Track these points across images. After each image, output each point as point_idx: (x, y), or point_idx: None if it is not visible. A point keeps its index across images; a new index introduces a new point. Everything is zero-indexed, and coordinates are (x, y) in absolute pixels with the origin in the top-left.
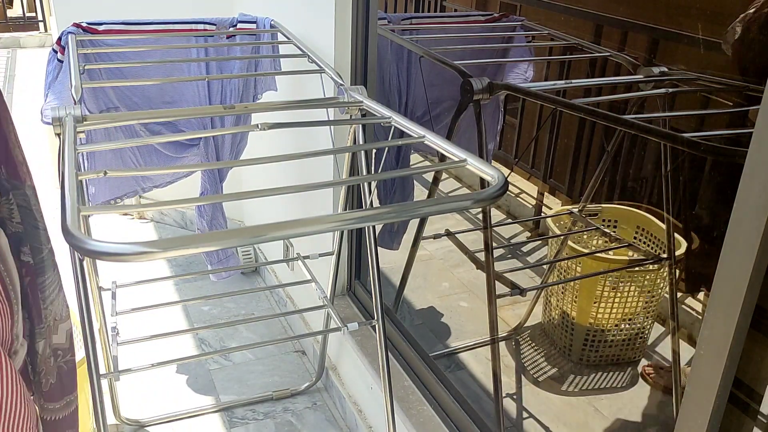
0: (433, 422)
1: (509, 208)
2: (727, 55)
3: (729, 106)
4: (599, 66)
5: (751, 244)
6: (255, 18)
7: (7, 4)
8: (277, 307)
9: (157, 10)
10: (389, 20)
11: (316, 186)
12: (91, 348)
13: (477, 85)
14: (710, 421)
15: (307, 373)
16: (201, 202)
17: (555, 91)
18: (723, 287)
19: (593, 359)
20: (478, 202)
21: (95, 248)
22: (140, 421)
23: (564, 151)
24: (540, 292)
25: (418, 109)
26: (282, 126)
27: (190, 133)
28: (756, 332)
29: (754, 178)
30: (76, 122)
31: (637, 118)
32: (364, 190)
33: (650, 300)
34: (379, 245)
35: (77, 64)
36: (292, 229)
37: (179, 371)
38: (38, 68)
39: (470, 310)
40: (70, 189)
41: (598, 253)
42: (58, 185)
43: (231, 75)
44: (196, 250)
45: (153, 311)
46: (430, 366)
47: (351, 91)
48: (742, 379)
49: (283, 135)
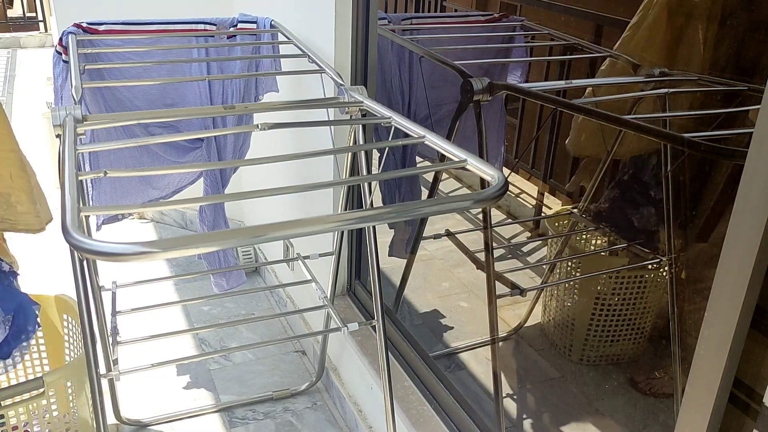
0: (433, 422)
1: (509, 208)
2: (727, 56)
3: (729, 106)
4: (599, 66)
5: (751, 244)
6: (255, 18)
7: (7, 4)
8: (277, 307)
9: (157, 11)
10: (389, 20)
11: (316, 186)
12: (91, 348)
13: (477, 86)
14: (710, 421)
15: (307, 373)
16: (201, 202)
17: (555, 91)
18: (723, 287)
19: (593, 359)
20: (478, 202)
21: (95, 248)
22: (140, 421)
23: (564, 151)
24: (540, 292)
25: (421, 110)
26: (282, 126)
27: (191, 132)
28: (756, 332)
29: (754, 178)
30: (76, 122)
31: (637, 118)
32: (364, 190)
33: (650, 299)
34: (390, 255)
35: (77, 65)
36: (292, 229)
37: (179, 371)
38: (38, 68)
39: (470, 310)
40: (70, 189)
41: (597, 253)
42: (58, 185)
43: (232, 75)
44: (196, 251)
45: (153, 311)
46: (430, 366)
47: (351, 92)
48: (742, 379)
49: (284, 135)
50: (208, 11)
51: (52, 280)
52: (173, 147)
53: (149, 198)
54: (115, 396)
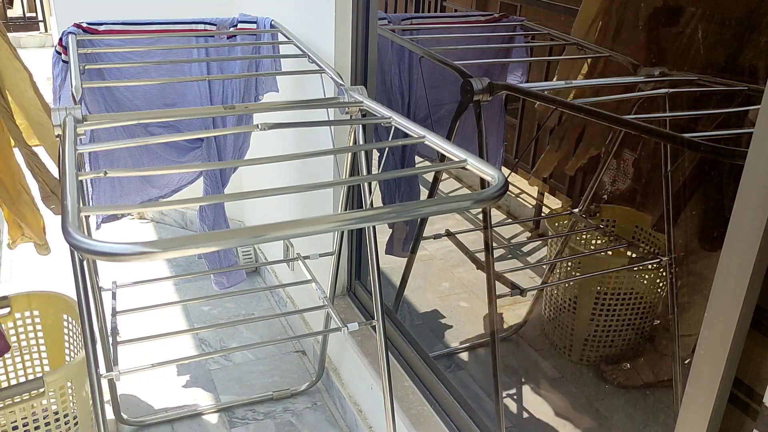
0: (433, 422)
1: (509, 208)
2: (726, 55)
3: (728, 106)
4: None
5: (751, 244)
6: (255, 18)
7: (7, 4)
8: (278, 307)
9: (157, 11)
10: (389, 20)
11: (316, 186)
12: (91, 348)
13: (477, 86)
14: (710, 421)
15: (308, 373)
16: (201, 202)
17: (555, 91)
18: (723, 287)
19: (593, 359)
20: (478, 202)
21: (95, 248)
22: (140, 421)
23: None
24: (540, 292)
25: (421, 110)
26: (282, 126)
27: (191, 132)
28: (756, 332)
29: (754, 178)
30: (76, 122)
31: (637, 118)
32: (364, 190)
33: (650, 299)
34: (387, 254)
35: (77, 65)
36: (292, 229)
37: (179, 371)
38: (38, 68)
39: (470, 310)
40: (70, 189)
41: (597, 253)
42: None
43: (232, 75)
44: (196, 251)
45: (153, 311)
46: (430, 366)
47: (351, 92)
48: (742, 379)
49: (284, 135)
50: (208, 11)
51: (52, 280)
52: (173, 147)
53: (149, 197)
54: (115, 396)
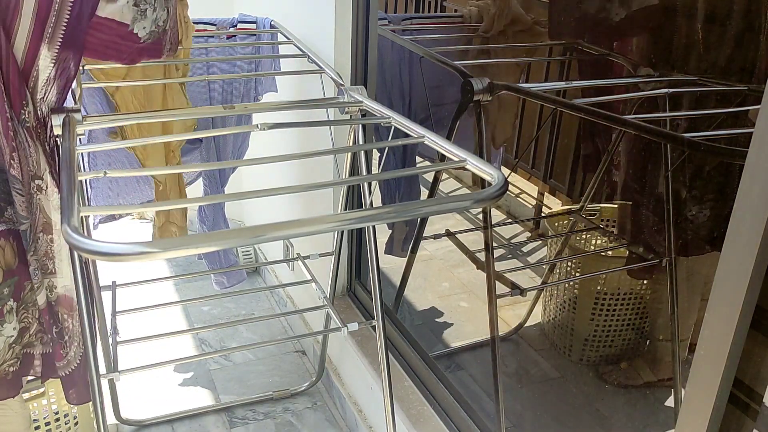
0: (433, 422)
1: (509, 208)
2: (726, 56)
3: (728, 106)
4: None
5: (751, 244)
6: (255, 18)
7: None
8: (278, 307)
9: None
10: (389, 20)
11: (316, 186)
12: (91, 348)
13: (477, 85)
14: (710, 421)
15: (308, 373)
16: (201, 202)
17: (555, 91)
18: (723, 287)
19: (593, 359)
20: (478, 202)
21: (95, 248)
22: (140, 421)
23: (564, 151)
24: (540, 292)
25: (421, 110)
26: (282, 126)
27: (191, 132)
28: (756, 332)
29: (754, 178)
30: (75, 122)
31: (638, 118)
32: (364, 190)
33: (649, 299)
34: (386, 253)
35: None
36: (292, 229)
37: (179, 371)
38: None
39: (470, 310)
40: (70, 189)
41: (597, 253)
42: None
43: (231, 75)
44: (196, 251)
45: (153, 311)
46: (430, 366)
47: (351, 92)
48: (742, 379)
49: (284, 135)
50: (208, 11)
51: None
52: None
53: (147, 198)
54: (115, 396)
